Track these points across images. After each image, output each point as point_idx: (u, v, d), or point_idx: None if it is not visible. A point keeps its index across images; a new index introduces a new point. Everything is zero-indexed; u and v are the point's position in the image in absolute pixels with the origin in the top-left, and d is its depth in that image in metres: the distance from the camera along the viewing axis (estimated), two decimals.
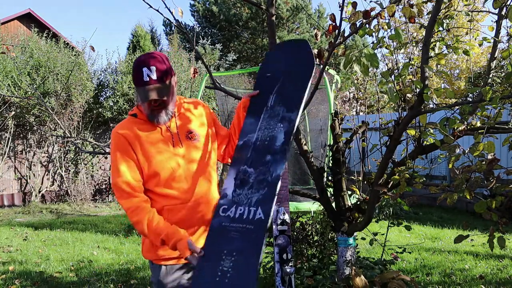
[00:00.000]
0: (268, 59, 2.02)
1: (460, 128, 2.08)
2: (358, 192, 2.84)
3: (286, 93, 1.82)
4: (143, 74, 1.60)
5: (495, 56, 2.43)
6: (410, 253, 4.31)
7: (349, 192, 2.81)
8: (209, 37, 17.39)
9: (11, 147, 8.55)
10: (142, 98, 1.63)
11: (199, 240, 1.71)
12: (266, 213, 1.58)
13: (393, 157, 2.36)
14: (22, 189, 8.73)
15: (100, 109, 9.43)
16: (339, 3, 2.05)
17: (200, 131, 1.79)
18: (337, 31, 2.06)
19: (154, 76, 1.60)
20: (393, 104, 2.48)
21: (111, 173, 1.70)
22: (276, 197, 1.62)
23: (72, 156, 9.27)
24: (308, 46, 1.87)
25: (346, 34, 2.08)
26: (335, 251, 3.12)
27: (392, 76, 2.19)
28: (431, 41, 2.14)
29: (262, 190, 1.64)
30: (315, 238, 3.35)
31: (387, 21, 2.21)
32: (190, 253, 1.58)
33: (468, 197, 1.77)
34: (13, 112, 8.09)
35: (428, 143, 2.30)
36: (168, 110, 1.70)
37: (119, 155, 1.66)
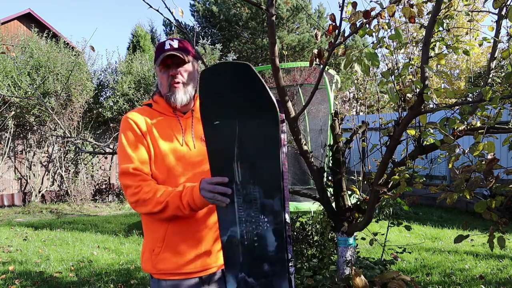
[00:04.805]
0: (205, 90, 1.34)
1: (460, 128, 2.08)
2: (358, 192, 2.83)
3: (252, 161, 1.32)
4: (165, 44, 1.55)
5: (495, 56, 2.43)
6: (410, 253, 4.31)
7: (349, 192, 2.80)
8: (209, 37, 17.38)
9: (11, 147, 8.55)
10: (161, 65, 1.53)
11: (215, 255, 1.54)
12: None
13: (393, 157, 2.36)
14: (22, 189, 8.73)
15: (100, 109, 9.44)
16: (339, 3, 2.05)
17: None
18: (337, 31, 2.06)
19: (175, 45, 1.54)
20: (393, 104, 2.48)
21: (118, 160, 1.49)
22: None
23: (72, 156, 9.28)
24: (253, 71, 1.27)
25: (346, 34, 2.08)
26: (335, 251, 3.12)
27: (392, 76, 2.19)
28: (431, 41, 2.14)
29: None
30: (315, 238, 3.35)
31: (387, 21, 2.21)
32: (218, 186, 1.33)
33: (468, 197, 1.77)
34: (13, 112, 8.09)
35: (428, 143, 2.30)
36: (187, 90, 1.55)
37: (127, 140, 1.49)
